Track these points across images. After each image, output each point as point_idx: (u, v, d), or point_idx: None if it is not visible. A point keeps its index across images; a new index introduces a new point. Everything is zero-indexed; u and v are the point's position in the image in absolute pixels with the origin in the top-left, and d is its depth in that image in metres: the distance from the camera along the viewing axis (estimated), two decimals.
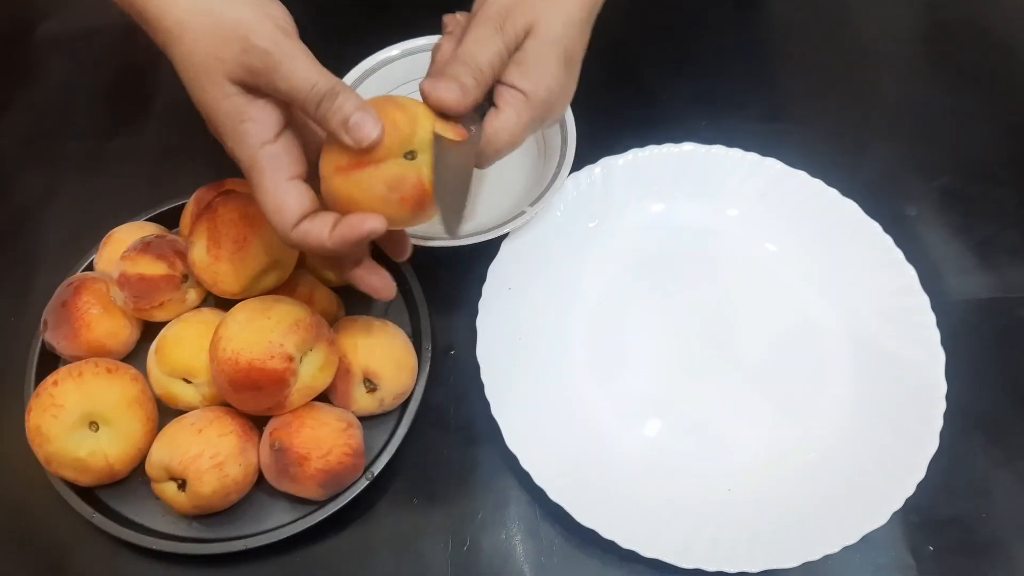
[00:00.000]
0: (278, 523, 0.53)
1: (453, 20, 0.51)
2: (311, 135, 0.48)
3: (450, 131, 0.45)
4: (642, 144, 0.66)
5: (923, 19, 0.81)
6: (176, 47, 0.44)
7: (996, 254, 0.66)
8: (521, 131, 0.47)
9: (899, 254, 0.61)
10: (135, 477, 0.55)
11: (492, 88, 0.47)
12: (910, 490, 0.52)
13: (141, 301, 0.55)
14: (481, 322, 0.58)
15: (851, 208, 0.63)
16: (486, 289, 0.59)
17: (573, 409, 0.58)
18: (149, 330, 0.58)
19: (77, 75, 0.76)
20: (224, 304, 0.55)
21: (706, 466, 0.56)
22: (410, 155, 0.45)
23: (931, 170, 0.71)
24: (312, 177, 0.46)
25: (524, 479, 0.53)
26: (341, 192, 0.44)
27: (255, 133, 0.44)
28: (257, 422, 0.54)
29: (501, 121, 0.46)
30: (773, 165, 0.65)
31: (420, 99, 0.46)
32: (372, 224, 0.43)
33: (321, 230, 0.44)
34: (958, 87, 0.76)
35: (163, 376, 0.54)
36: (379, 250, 0.53)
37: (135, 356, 0.58)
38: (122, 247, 0.57)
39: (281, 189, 0.44)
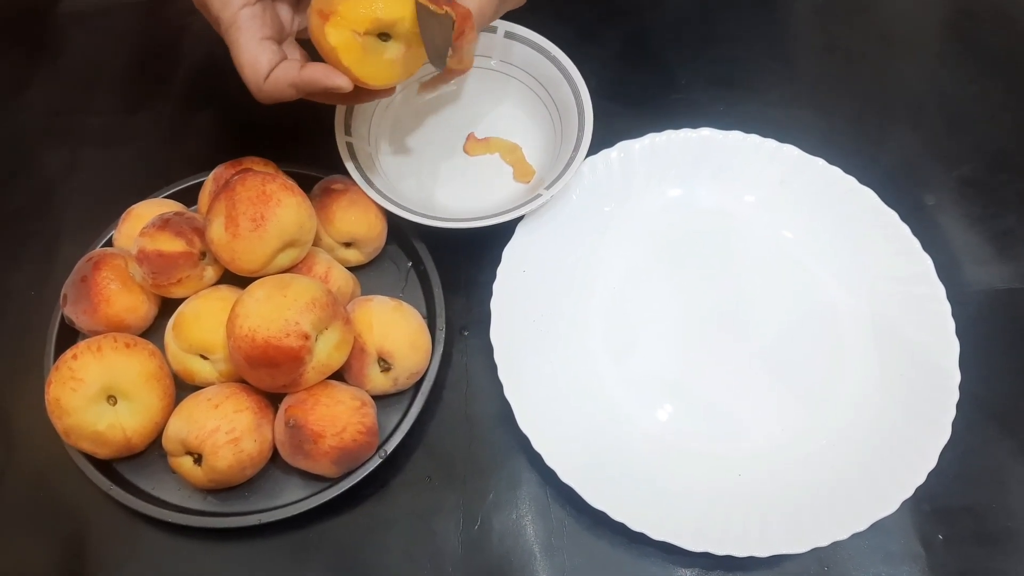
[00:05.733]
0: (292, 499, 0.54)
1: None
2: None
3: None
4: (660, 129, 0.65)
5: (947, 5, 0.80)
6: None
7: (1015, 245, 0.66)
8: (487, 7, 0.52)
9: (916, 243, 0.60)
10: (152, 451, 0.55)
11: None
12: (921, 479, 0.52)
13: (159, 277, 0.55)
14: (495, 304, 0.58)
15: (869, 196, 0.62)
16: (501, 271, 0.59)
17: (586, 392, 0.58)
18: (167, 306, 0.58)
19: (99, 50, 0.76)
20: (241, 282, 0.56)
21: (718, 450, 0.56)
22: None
23: (952, 159, 0.70)
24: (281, 41, 0.52)
25: (536, 460, 0.54)
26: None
27: None
28: (272, 399, 0.55)
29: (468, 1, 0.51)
30: (791, 152, 0.64)
31: None
32: (339, 81, 0.49)
33: (288, 71, 0.49)
34: (982, 75, 0.75)
35: (180, 352, 0.55)
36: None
37: (153, 332, 0.59)
38: (141, 223, 0.57)
39: (257, 46, 0.49)
